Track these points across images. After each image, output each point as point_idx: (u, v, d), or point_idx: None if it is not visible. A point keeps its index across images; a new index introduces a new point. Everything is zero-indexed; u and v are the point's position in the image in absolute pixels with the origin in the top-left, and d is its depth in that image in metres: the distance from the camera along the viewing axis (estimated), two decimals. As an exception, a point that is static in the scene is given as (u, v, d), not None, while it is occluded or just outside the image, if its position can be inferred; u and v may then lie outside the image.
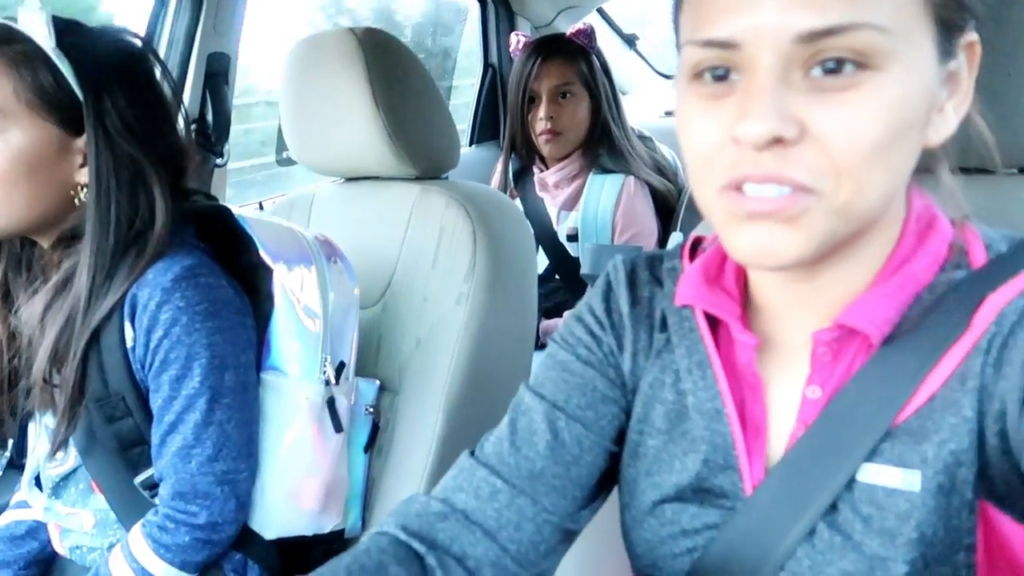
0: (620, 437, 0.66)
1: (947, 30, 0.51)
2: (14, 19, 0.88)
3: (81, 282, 0.89)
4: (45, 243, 0.94)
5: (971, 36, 0.53)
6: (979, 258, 0.56)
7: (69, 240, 0.92)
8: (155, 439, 0.92)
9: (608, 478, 0.67)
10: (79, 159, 0.91)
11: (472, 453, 0.67)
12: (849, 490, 0.54)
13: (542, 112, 1.84)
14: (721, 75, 0.51)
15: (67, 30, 0.88)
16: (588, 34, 1.89)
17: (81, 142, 0.90)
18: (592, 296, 0.69)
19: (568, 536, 0.65)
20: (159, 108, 0.95)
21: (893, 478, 0.53)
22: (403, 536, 0.61)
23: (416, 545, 0.60)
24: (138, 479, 0.95)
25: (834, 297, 0.57)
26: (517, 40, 1.97)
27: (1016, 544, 0.52)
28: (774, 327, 0.61)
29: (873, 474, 0.54)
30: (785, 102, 0.47)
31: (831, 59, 0.47)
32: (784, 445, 0.58)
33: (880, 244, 0.56)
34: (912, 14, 0.49)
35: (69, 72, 0.87)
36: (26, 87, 0.86)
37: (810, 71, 0.48)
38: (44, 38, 0.87)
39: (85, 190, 0.91)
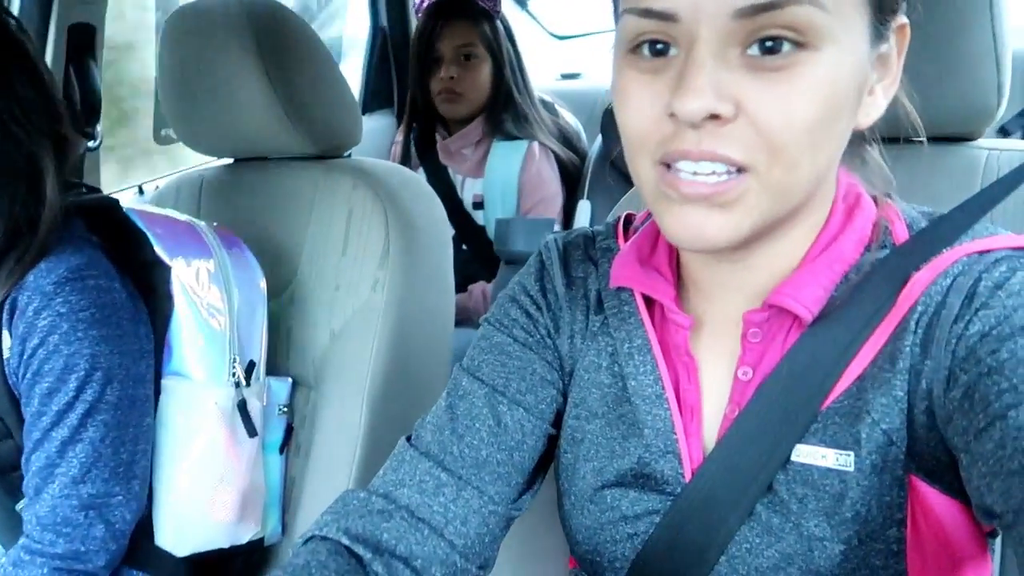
0: (558, 420, 0.66)
1: (881, 11, 0.51)
2: None
3: None
4: None
5: (902, 19, 0.54)
6: (901, 237, 0.57)
7: None
8: (23, 457, 0.83)
9: (546, 461, 0.67)
10: None
11: (409, 440, 0.64)
12: (784, 471, 0.55)
13: (443, 71, 1.82)
14: (660, 50, 0.51)
15: None
16: None
17: None
18: (525, 276, 0.68)
19: (509, 523, 0.65)
20: (47, 92, 0.84)
21: (827, 458, 0.54)
22: (346, 541, 0.59)
23: (360, 551, 0.58)
24: (20, 505, 0.86)
25: (764, 277, 0.57)
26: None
27: (943, 514, 0.53)
28: (706, 307, 0.61)
29: (807, 454, 0.54)
30: (722, 79, 0.48)
31: (769, 37, 0.47)
32: (718, 427, 0.59)
33: (810, 224, 0.57)
34: None
35: None
36: None
37: (747, 49, 0.48)
38: None
39: None
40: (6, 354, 0.81)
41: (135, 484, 0.87)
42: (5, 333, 0.81)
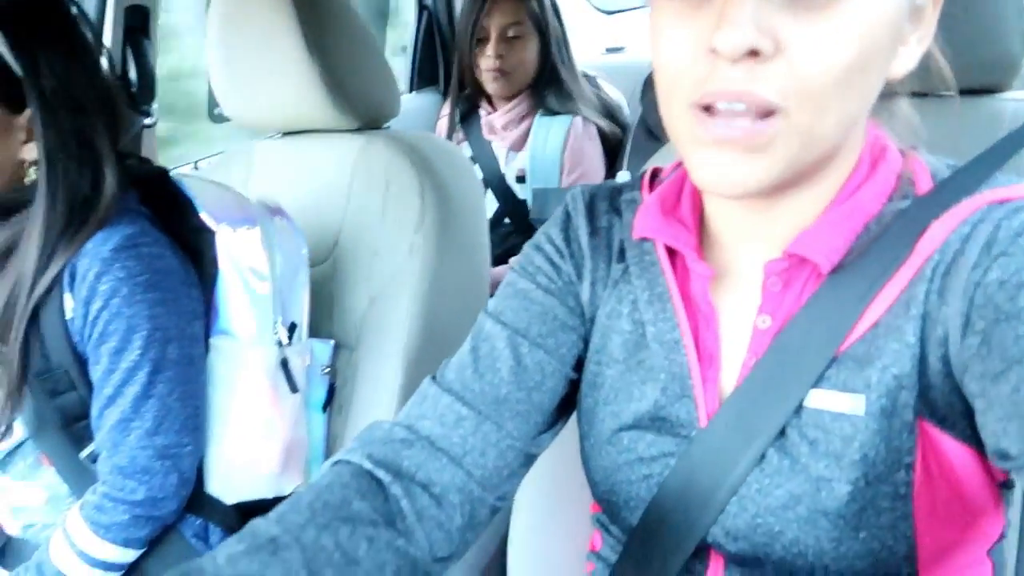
0: (579, 365, 0.67)
1: None
2: None
3: (28, 258, 0.85)
4: None
5: None
6: (925, 188, 0.57)
7: (3, 214, 0.88)
8: (94, 411, 0.89)
9: (567, 404, 0.68)
10: (22, 135, 0.86)
11: (434, 379, 0.66)
12: (797, 416, 0.55)
13: (491, 50, 1.83)
14: None
15: None
16: None
17: (23, 119, 0.86)
18: (550, 226, 0.69)
19: (529, 460, 0.66)
20: (95, 71, 0.89)
21: (839, 403, 0.54)
22: (368, 465, 0.60)
23: (381, 474, 0.60)
24: (83, 453, 0.92)
25: (786, 227, 0.57)
26: None
27: (954, 460, 0.54)
28: (727, 257, 0.61)
29: (820, 399, 0.55)
30: (762, 14, 0.47)
31: None
32: (736, 374, 0.59)
33: (836, 175, 0.57)
34: None
35: (5, 47, 0.82)
36: None
37: None
38: None
39: (33, 167, 0.86)
40: (69, 315, 0.87)
41: (199, 434, 0.93)
42: (68, 295, 0.87)
